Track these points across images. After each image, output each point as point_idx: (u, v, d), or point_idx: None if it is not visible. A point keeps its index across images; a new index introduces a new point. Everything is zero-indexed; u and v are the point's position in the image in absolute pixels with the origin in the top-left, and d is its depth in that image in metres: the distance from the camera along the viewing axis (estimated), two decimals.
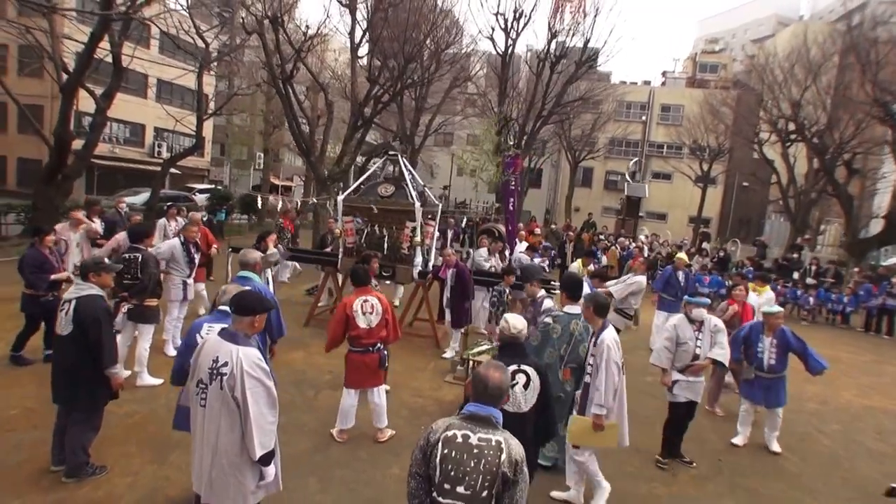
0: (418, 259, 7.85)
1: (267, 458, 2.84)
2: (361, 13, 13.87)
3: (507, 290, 6.61)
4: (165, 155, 20.00)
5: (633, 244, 15.44)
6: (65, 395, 3.76)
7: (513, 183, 9.33)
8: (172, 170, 22.25)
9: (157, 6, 12.04)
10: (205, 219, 11.40)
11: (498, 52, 17.41)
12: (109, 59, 10.95)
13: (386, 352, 4.73)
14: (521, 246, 11.39)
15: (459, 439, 2.12)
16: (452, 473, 2.10)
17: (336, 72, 18.16)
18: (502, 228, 10.95)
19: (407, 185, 7.79)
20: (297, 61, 12.58)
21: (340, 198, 7.97)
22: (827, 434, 6.18)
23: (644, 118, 37.01)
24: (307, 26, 13.40)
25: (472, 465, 2.08)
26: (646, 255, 15.01)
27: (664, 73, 40.88)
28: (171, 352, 6.13)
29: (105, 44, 10.27)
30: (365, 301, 4.55)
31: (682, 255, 10.85)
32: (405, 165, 8.09)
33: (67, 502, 3.61)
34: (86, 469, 3.85)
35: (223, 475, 2.79)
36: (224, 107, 17.26)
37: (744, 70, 31.38)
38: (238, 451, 2.78)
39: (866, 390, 8.18)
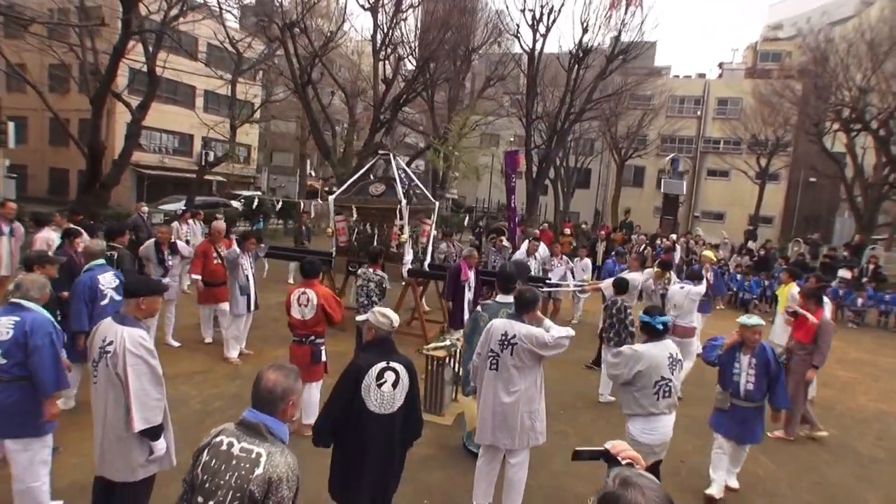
0: (408, 257, 7.85)
1: (154, 433, 2.94)
2: (382, 16, 14.08)
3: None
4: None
5: (664, 242, 14.65)
6: None
7: (513, 180, 9.13)
8: (219, 177, 23.71)
9: (192, 15, 12.77)
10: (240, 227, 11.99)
11: (525, 50, 17.15)
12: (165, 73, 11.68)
13: (323, 347, 4.78)
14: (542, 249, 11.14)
15: (224, 447, 1.89)
16: (207, 485, 1.86)
17: (365, 76, 18.56)
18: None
19: (396, 183, 7.83)
20: (316, 63, 12.95)
21: (332, 198, 8.15)
22: (817, 438, 5.64)
23: (699, 113, 35.23)
24: (331, 31, 13.78)
25: (227, 478, 1.84)
26: (679, 255, 14.25)
27: (721, 65, 38.67)
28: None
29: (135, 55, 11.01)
30: (302, 293, 4.65)
31: (707, 252, 10.28)
32: (397, 164, 8.15)
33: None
34: None
35: (111, 448, 2.92)
36: (261, 114, 18.01)
37: (808, 57, 29.05)
38: (123, 425, 2.89)
39: (889, 395, 7.41)
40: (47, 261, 4.24)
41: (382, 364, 2.92)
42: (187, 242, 9.52)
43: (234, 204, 18.38)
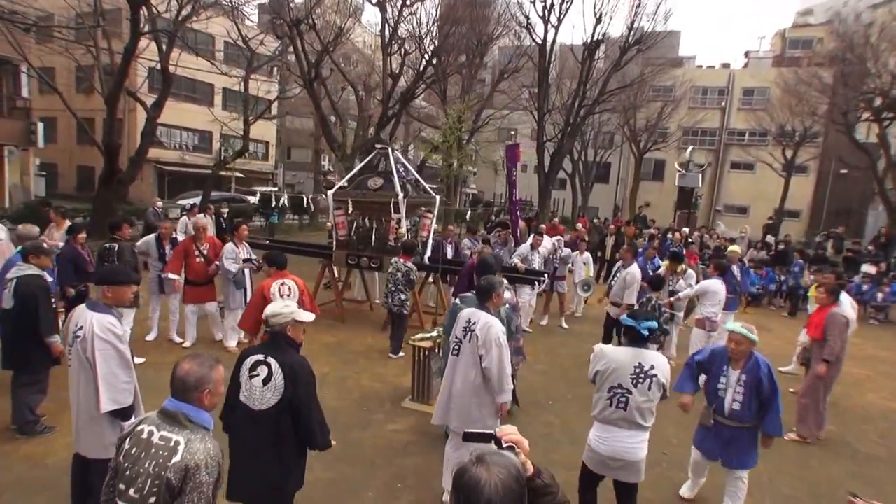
0: None
1: (124, 414, 3.08)
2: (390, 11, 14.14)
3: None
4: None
5: (674, 235, 14.35)
6: (11, 361, 4.33)
7: (514, 173, 9.10)
8: (237, 173, 24.21)
9: (205, 13, 13.07)
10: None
11: (535, 41, 16.95)
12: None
13: None
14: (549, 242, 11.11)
15: (145, 435, 1.93)
16: (128, 473, 1.90)
17: (378, 70, 18.66)
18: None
19: (394, 177, 7.89)
20: (324, 59, 13.09)
21: (330, 192, 8.27)
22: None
23: (723, 104, 34.34)
24: (340, 27, 13.91)
25: (146, 465, 1.87)
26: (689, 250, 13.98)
27: (747, 54, 37.55)
28: (151, 336, 6.76)
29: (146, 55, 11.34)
30: (282, 284, 4.77)
31: (734, 247, 10.04)
32: (395, 158, 8.21)
33: (12, 452, 4.19)
34: (35, 427, 4.41)
35: (85, 427, 3.09)
36: (277, 111, 18.26)
37: (838, 42, 27.81)
38: (94, 405, 3.04)
39: None
40: (42, 251, 4.46)
41: (259, 356, 2.81)
42: None
43: (251, 199, 18.79)
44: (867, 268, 13.23)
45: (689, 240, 14.72)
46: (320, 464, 4.21)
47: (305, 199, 15.69)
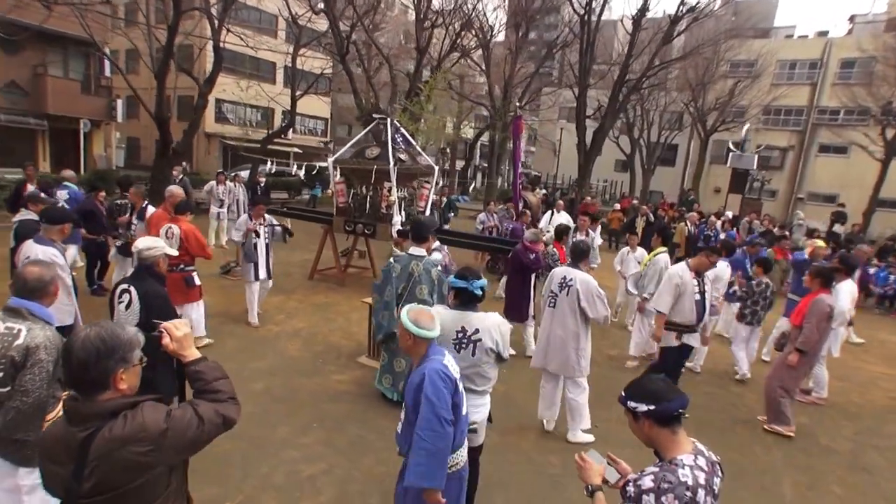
0: (397, 218, 8.17)
1: (64, 332, 3.64)
2: None
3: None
4: (290, 135, 22.73)
5: (719, 221, 13.40)
6: None
7: (519, 146, 9.00)
8: (295, 149, 25.46)
9: None
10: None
11: (577, 12, 16.24)
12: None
13: (194, 274, 5.34)
14: (562, 216, 10.95)
15: None
16: None
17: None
18: (530, 197, 10.57)
19: (388, 146, 8.14)
20: (356, 32, 13.40)
21: (331, 159, 8.67)
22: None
23: (814, 79, 30.90)
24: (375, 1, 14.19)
25: None
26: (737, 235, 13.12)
27: (852, 18, 33.33)
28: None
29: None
30: (168, 228, 5.24)
31: (818, 241, 8.53)
32: (395, 128, 8.45)
33: None
34: None
35: None
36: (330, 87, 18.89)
37: None
38: None
39: None
40: (39, 200, 5.29)
41: (124, 285, 3.15)
42: (222, 203, 10.71)
43: (300, 173, 19.80)
44: None
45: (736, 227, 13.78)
46: (252, 401, 4.63)
47: None
